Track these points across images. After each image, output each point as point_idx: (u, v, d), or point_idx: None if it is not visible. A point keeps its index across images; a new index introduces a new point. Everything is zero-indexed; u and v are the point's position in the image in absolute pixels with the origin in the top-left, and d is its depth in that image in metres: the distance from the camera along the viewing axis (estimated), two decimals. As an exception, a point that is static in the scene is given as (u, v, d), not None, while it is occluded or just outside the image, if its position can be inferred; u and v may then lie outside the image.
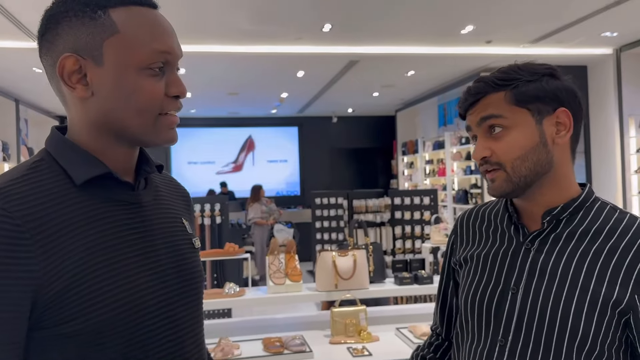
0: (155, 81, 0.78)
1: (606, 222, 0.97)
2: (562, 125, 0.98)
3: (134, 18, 0.77)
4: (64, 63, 0.76)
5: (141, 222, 0.82)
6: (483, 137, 1.00)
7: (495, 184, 0.99)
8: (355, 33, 5.96)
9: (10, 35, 5.58)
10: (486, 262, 1.06)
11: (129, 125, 0.78)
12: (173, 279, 0.83)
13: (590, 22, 5.67)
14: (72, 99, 0.79)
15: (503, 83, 0.97)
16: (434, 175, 9.70)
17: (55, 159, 0.78)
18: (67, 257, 0.71)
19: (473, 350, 1.04)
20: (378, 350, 2.40)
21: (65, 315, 0.70)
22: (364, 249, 2.86)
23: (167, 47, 0.79)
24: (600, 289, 0.92)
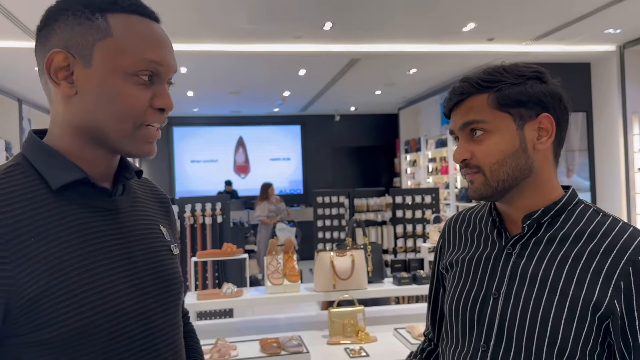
0: (141, 89, 0.78)
1: (587, 225, 0.96)
2: (544, 131, 0.97)
3: (130, 25, 0.78)
4: (53, 57, 0.76)
5: (118, 229, 0.82)
6: (464, 139, 0.99)
7: (474, 186, 0.99)
8: (357, 31, 5.95)
9: (13, 35, 5.60)
10: (470, 266, 1.05)
11: (108, 130, 0.78)
12: (150, 286, 0.83)
13: (593, 19, 5.64)
14: (55, 96, 0.79)
15: (487, 85, 0.96)
16: (436, 173, 9.68)
17: (31, 163, 0.78)
18: (42, 264, 0.71)
19: (457, 355, 1.03)
20: (376, 351, 2.39)
21: (39, 322, 0.70)
22: (363, 249, 2.85)
23: (159, 58, 0.79)
24: (580, 294, 0.91)
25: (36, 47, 0.80)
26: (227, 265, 5.05)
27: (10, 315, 0.69)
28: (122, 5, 0.78)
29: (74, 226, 0.76)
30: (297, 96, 9.67)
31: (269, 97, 9.70)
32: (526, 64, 1.00)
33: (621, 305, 0.88)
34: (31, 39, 5.73)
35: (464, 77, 1.01)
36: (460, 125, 0.99)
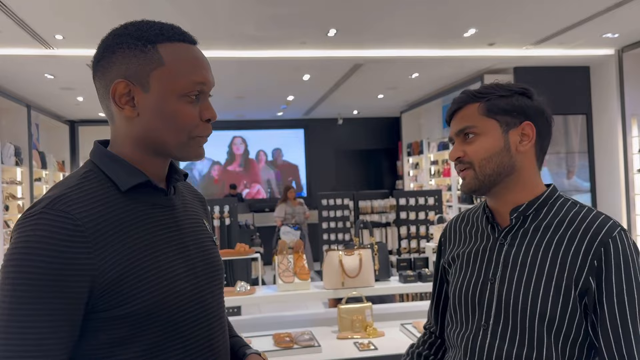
0: (191, 107, 0.91)
1: (566, 215, 1.12)
2: (526, 136, 1.14)
3: (177, 53, 0.91)
4: (117, 87, 0.89)
5: (174, 223, 0.96)
6: (459, 142, 1.19)
7: (465, 181, 1.17)
8: (360, 37, 6.07)
9: (24, 42, 5.73)
10: (469, 258, 1.21)
11: (167, 142, 0.92)
12: (201, 270, 0.97)
13: (592, 23, 5.76)
14: (119, 117, 0.92)
15: (480, 96, 1.16)
16: (439, 175, 9.79)
17: (101, 169, 0.91)
18: (118, 252, 0.84)
19: (461, 336, 1.18)
20: (383, 344, 2.50)
21: (118, 300, 0.83)
22: (370, 248, 2.97)
23: (203, 79, 0.92)
24: (563, 274, 1.06)
25: (95, 75, 0.93)
26: (235, 266, 5.18)
27: (93, 295, 0.82)
28: (167, 35, 0.91)
29: (140, 221, 0.90)
30: (300, 100, 9.80)
31: (273, 101, 9.83)
32: (516, 84, 1.19)
33: (594, 281, 1.04)
34: (41, 46, 5.87)
35: (463, 90, 1.21)
36: (456, 131, 1.18)
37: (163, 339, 0.87)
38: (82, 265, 0.80)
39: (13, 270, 0.79)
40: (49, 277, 0.78)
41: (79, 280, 0.80)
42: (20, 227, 0.82)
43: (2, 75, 6.94)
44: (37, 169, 8.75)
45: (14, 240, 0.82)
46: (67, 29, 5.41)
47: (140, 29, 0.91)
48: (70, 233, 0.80)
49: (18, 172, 8.05)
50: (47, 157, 9.30)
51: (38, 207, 0.83)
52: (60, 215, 0.81)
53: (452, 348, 1.23)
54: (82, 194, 0.86)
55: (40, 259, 0.78)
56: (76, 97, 8.59)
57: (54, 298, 0.79)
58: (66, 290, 0.80)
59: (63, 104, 9.23)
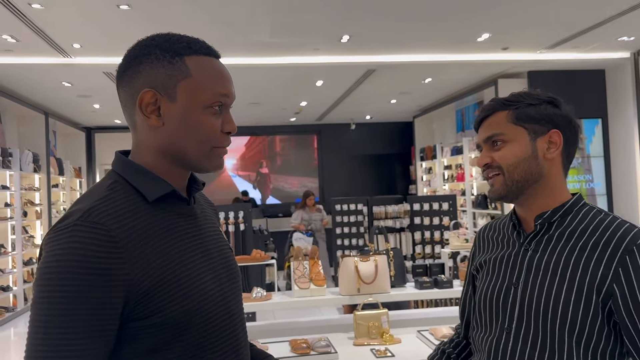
0: (215, 118, 0.94)
1: (591, 223, 1.14)
2: (553, 144, 1.17)
3: (203, 66, 0.93)
4: (144, 96, 0.91)
5: (198, 231, 0.98)
6: (487, 149, 1.22)
7: (494, 188, 1.20)
8: (373, 43, 6.09)
9: (42, 52, 5.84)
10: (495, 264, 1.24)
11: (189, 152, 0.93)
12: (224, 277, 0.99)
13: (607, 27, 5.72)
14: (143, 126, 0.94)
15: (509, 103, 1.19)
16: (452, 180, 9.75)
17: (127, 180, 0.93)
18: (151, 262, 0.86)
19: (485, 339, 1.21)
20: (400, 351, 2.50)
21: (152, 309, 0.85)
22: (385, 254, 2.98)
23: (227, 91, 0.95)
24: (585, 279, 1.08)
25: (120, 84, 0.95)
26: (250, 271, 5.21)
27: (129, 305, 0.84)
28: (194, 48, 0.94)
29: (168, 230, 0.91)
30: (314, 106, 9.84)
31: (287, 107, 9.88)
32: (544, 93, 1.22)
33: (622, 288, 1.05)
34: (59, 55, 5.97)
35: (493, 98, 1.25)
36: (484, 138, 1.22)
37: (194, 346, 0.89)
38: (118, 277, 0.82)
39: (49, 284, 0.80)
40: (85, 290, 0.79)
41: (115, 292, 0.81)
42: (54, 240, 0.83)
43: (21, 83, 7.06)
44: (55, 176, 8.88)
45: (47, 253, 0.82)
46: (84, 38, 5.50)
47: (168, 41, 0.93)
48: (105, 245, 0.81)
49: (36, 179, 8.17)
50: (64, 164, 9.43)
51: (70, 219, 0.84)
52: (94, 227, 0.82)
53: (477, 352, 1.26)
54: (111, 205, 0.87)
55: (76, 271, 0.79)
56: (93, 104, 8.72)
57: (91, 311, 0.80)
58: (103, 302, 0.81)
59: (80, 111, 9.37)
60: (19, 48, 5.68)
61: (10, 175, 7.23)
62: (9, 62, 6.11)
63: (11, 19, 4.82)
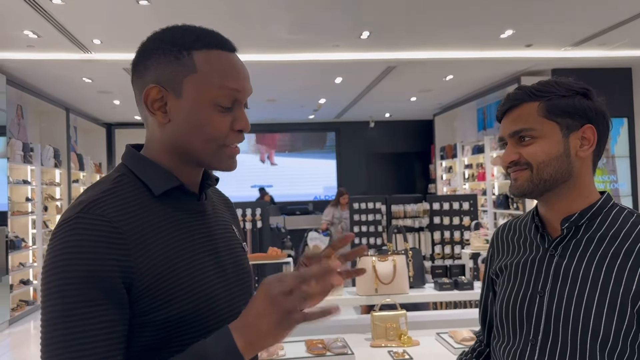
0: (223, 116, 0.88)
1: (623, 226, 1.04)
2: (587, 140, 1.07)
3: (211, 60, 0.88)
4: (149, 92, 0.88)
5: (207, 228, 0.94)
6: (512, 144, 1.10)
7: (518, 183, 1.09)
8: (393, 39, 6.01)
9: (63, 47, 5.88)
10: (517, 269, 1.14)
11: (196, 151, 0.89)
12: (233, 277, 0.95)
13: (634, 24, 5.56)
14: (152, 123, 0.91)
15: (539, 94, 1.07)
16: (473, 179, 9.61)
17: (134, 173, 0.90)
18: (155, 256, 0.83)
19: (508, 350, 1.12)
20: (419, 354, 2.44)
21: (156, 305, 0.82)
22: (404, 254, 2.91)
23: (238, 86, 0.89)
24: (619, 290, 0.99)
25: (133, 79, 0.92)
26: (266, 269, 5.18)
27: (131, 299, 0.81)
28: (204, 42, 0.88)
29: (174, 225, 0.88)
30: (332, 103, 9.78)
31: (305, 104, 9.84)
32: (576, 81, 1.10)
33: None
34: (80, 51, 6.01)
35: (519, 86, 1.13)
36: (510, 132, 1.09)
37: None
38: (122, 267, 0.79)
39: (57, 277, 0.78)
40: (93, 278, 0.77)
41: (119, 281, 0.79)
42: (58, 234, 0.81)
43: (42, 79, 7.13)
44: (75, 171, 8.97)
45: (52, 247, 0.81)
46: (104, 33, 5.52)
47: (176, 34, 0.89)
48: (108, 235, 0.79)
49: (57, 174, 8.26)
50: (85, 159, 9.53)
51: (73, 212, 0.82)
52: (97, 218, 0.80)
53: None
54: (116, 197, 0.85)
55: (82, 262, 0.77)
56: (113, 100, 8.78)
57: (104, 299, 0.78)
58: (112, 291, 0.79)
59: (100, 107, 9.45)
60: (40, 44, 5.73)
61: (32, 170, 7.32)
62: (30, 57, 6.16)
63: (32, 15, 4.85)
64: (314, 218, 9.41)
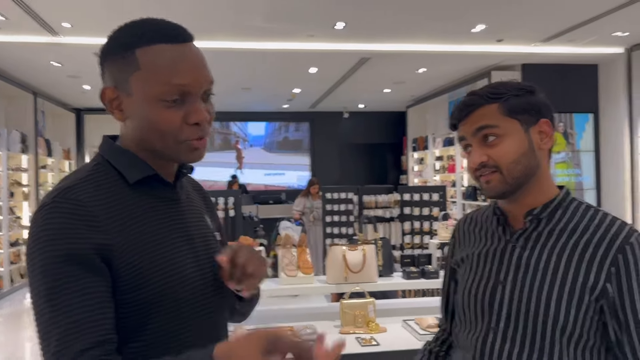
0: (172, 111, 0.88)
1: (581, 220, 1.10)
2: (545, 133, 1.12)
3: (154, 56, 0.87)
4: (104, 92, 0.92)
5: (180, 216, 0.97)
6: (478, 145, 1.12)
7: (491, 185, 1.11)
8: (368, 31, 6.05)
9: (31, 30, 5.73)
10: (479, 259, 1.19)
11: (155, 146, 0.91)
12: (206, 263, 0.98)
13: (602, 21, 5.71)
14: (120, 123, 0.95)
15: (495, 96, 1.11)
16: (443, 171, 9.77)
17: (110, 163, 0.93)
18: (130, 239, 0.86)
19: (469, 337, 1.17)
20: (385, 340, 2.50)
21: (130, 286, 0.85)
22: (374, 243, 2.97)
23: (185, 81, 0.87)
24: (577, 279, 1.05)
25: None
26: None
27: (112, 275, 0.84)
28: (147, 37, 0.87)
29: (148, 211, 0.91)
30: (307, 93, 9.78)
31: (279, 93, 9.81)
32: (520, 82, 1.16)
33: (613, 288, 1.03)
34: (48, 34, 5.87)
35: (470, 92, 1.15)
36: (473, 130, 1.11)
37: (171, 327, 0.89)
38: (100, 245, 0.83)
39: (39, 259, 0.81)
40: (73, 257, 0.81)
41: (99, 260, 0.83)
42: (36, 219, 0.84)
43: (8, 62, 6.94)
44: (43, 157, 8.78)
45: (31, 233, 0.83)
46: (74, 17, 5.40)
47: (123, 33, 0.90)
48: (84, 218, 0.83)
49: (24, 159, 8.07)
50: (53, 145, 9.32)
51: (49, 198, 0.85)
52: (72, 202, 0.83)
53: (459, 349, 1.22)
54: (91, 184, 0.88)
55: (60, 242, 0.81)
56: (82, 85, 8.60)
57: (86, 273, 0.81)
58: (94, 266, 0.82)
59: (69, 92, 9.24)
60: (6, 26, 5.58)
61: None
62: (-4, 39, 6.00)
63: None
64: (287, 207, 9.42)
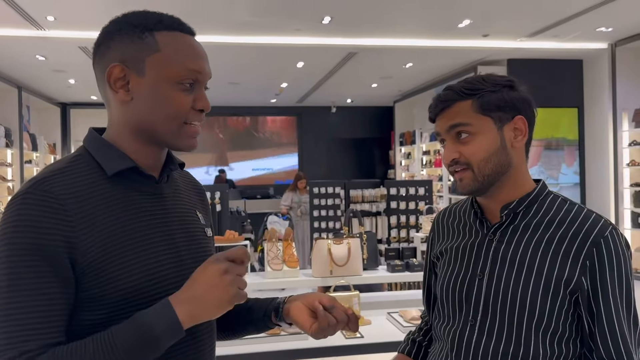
0: (185, 95, 0.92)
1: (557, 213, 1.11)
2: (519, 130, 1.11)
3: (173, 41, 0.93)
4: (112, 70, 0.91)
5: (162, 211, 0.96)
6: (452, 142, 1.13)
7: (464, 182, 1.12)
8: (355, 25, 6.06)
9: (14, 23, 5.67)
10: (457, 253, 1.20)
11: (158, 128, 0.93)
12: (188, 260, 0.96)
13: (586, 17, 5.77)
14: (114, 102, 0.94)
15: (470, 92, 1.10)
16: (430, 166, 9.83)
17: (91, 154, 0.93)
18: (100, 233, 0.86)
19: (448, 330, 1.18)
20: (370, 333, 2.53)
21: (97, 281, 0.85)
22: (359, 237, 2.99)
23: (199, 68, 0.93)
24: (553, 273, 1.06)
25: (94, 61, 0.96)
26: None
27: (76, 273, 0.84)
28: (166, 24, 0.93)
29: (125, 205, 0.91)
30: (294, 88, 9.77)
31: (267, 88, 9.80)
32: (500, 76, 1.14)
33: (587, 281, 1.05)
34: (32, 27, 5.81)
35: (447, 86, 1.14)
36: (447, 128, 1.12)
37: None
38: (66, 242, 0.83)
39: (4, 249, 0.82)
40: (39, 250, 0.81)
41: (64, 256, 0.83)
42: (7, 210, 0.84)
43: (-8, 56, 6.87)
44: (28, 151, 8.70)
45: (1, 222, 0.84)
46: (58, 10, 5.34)
47: (139, 17, 0.93)
48: (53, 211, 0.83)
49: (8, 154, 7.99)
50: (38, 140, 9.23)
51: (22, 189, 0.85)
52: (43, 195, 0.83)
53: (438, 341, 1.24)
54: (67, 176, 0.88)
55: (27, 235, 0.81)
56: (68, 79, 8.52)
57: (46, 272, 0.81)
58: (56, 264, 0.82)
59: (54, 86, 9.16)
60: (-10, 19, 5.51)
61: (-19, 150, 7.08)
62: (-21, 33, 5.93)
63: (-19, -12, 4.66)
64: (274, 202, 9.43)
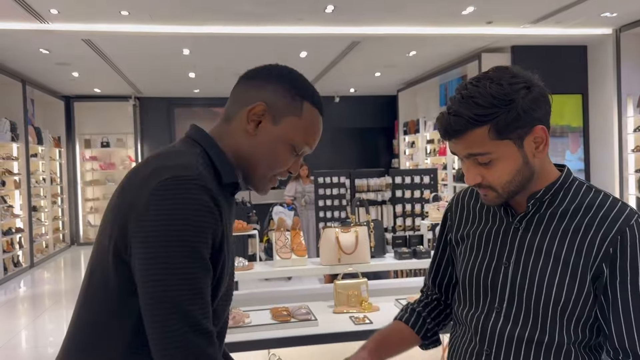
0: (291, 157, 1.13)
1: (583, 201, 1.12)
2: (540, 139, 1.07)
3: (312, 116, 1.12)
4: (258, 107, 1.08)
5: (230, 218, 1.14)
6: (472, 164, 1.11)
7: (488, 198, 1.14)
8: (357, 14, 6.03)
9: (18, 16, 5.68)
10: (481, 240, 1.21)
11: (257, 168, 1.11)
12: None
13: (590, 2, 5.74)
14: (239, 126, 1.10)
15: (484, 119, 1.02)
16: (434, 154, 9.83)
17: (210, 157, 1.07)
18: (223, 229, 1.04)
19: (471, 316, 1.21)
20: (378, 318, 2.56)
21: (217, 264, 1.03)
22: (366, 225, 3.02)
23: (313, 144, 1.14)
24: (579, 261, 1.08)
25: (247, 82, 1.12)
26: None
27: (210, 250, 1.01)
28: (314, 100, 1.12)
29: (229, 211, 1.10)
30: (297, 78, 9.74)
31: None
32: (509, 79, 1.04)
33: (607, 267, 1.06)
34: (36, 20, 5.81)
35: (453, 110, 1.05)
36: (465, 155, 1.10)
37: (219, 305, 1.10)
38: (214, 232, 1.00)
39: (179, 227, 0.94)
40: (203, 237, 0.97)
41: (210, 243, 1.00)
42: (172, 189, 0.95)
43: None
44: (33, 145, 8.74)
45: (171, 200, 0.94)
46: (62, 3, 5.35)
47: (301, 81, 1.12)
48: (212, 205, 0.98)
49: (14, 148, 8.04)
50: (43, 133, 9.27)
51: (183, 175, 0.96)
52: (206, 190, 0.97)
53: (460, 325, 1.26)
54: (206, 174, 1.01)
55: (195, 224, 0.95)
56: (71, 72, 8.53)
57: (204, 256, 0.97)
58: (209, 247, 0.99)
59: (58, 80, 9.17)
60: (-7, 13, 5.52)
61: (-13, 144, 7.12)
62: (-17, 27, 5.94)
63: (-15, -18, 4.67)
64: (279, 192, 9.45)
